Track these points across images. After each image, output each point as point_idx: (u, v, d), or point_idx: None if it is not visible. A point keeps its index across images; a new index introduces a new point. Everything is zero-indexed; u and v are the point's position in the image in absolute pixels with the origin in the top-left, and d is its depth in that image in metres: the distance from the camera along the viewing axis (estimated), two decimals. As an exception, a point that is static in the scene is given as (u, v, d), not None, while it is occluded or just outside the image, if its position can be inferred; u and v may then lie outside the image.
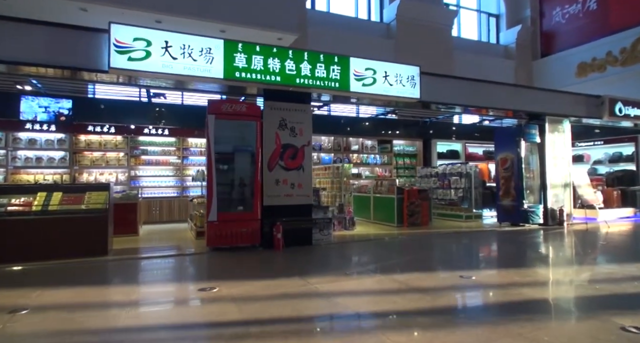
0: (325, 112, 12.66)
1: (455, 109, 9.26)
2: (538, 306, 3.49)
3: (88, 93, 10.15)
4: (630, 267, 5.09)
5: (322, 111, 12.31)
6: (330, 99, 7.86)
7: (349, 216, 8.77)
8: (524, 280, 4.35)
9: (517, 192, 9.13)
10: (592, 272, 4.88)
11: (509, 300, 3.60)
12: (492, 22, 18.68)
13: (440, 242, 7.39)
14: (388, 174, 13.67)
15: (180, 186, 10.81)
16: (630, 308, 3.40)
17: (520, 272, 4.76)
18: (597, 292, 3.90)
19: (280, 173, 6.62)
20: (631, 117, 10.54)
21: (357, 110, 13.23)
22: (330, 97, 7.61)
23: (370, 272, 4.77)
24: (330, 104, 10.51)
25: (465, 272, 4.73)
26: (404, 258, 5.93)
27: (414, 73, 7.47)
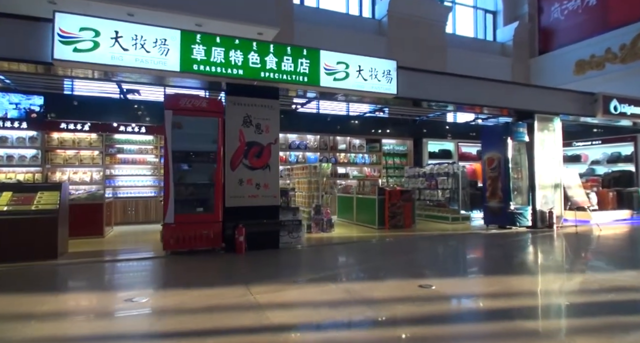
0: (312, 110, 12.29)
1: (448, 106, 8.87)
2: (488, 322, 3.09)
3: (64, 90, 9.88)
4: (609, 275, 4.66)
5: (307, 109, 11.95)
6: (316, 96, 7.48)
7: (326, 218, 8.38)
8: (488, 290, 3.95)
9: (504, 193, 8.69)
10: (564, 281, 4.45)
11: (457, 314, 3.19)
12: (489, 18, 18.21)
13: (416, 246, 6.98)
14: (377, 174, 13.26)
15: (157, 186, 10.46)
16: (599, 326, 2.99)
17: (487, 281, 4.36)
18: (567, 306, 3.49)
19: (245, 172, 6.25)
20: (627, 115, 10.06)
21: (347, 108, 12.84)
22: (316, 94, 7.25)
23: (323, 280, 4.38)
24: (312, 101, 10.13)
25: (428, 280, 4.33)
26: (369, 264, 5.54)
27: (390, 67, 7.07)
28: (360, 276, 4.67)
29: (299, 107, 11.10)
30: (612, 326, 2.95)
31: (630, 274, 4.64)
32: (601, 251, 6.42)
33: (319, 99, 8.40)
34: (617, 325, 2.98)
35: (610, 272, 4.93)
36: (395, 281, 4.43)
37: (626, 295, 3.73)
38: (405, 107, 10.37)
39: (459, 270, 5.11)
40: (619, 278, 4.39)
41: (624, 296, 3.70)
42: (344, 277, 4.60)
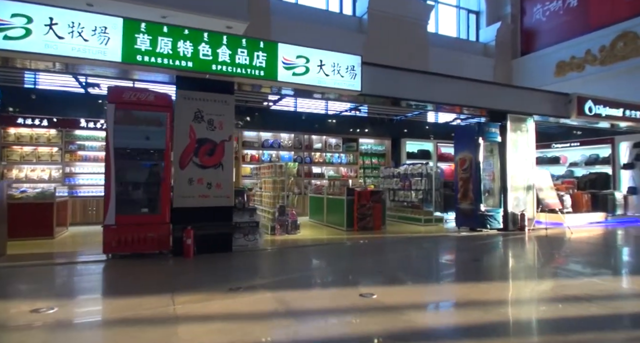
0: (287, 108, 11.95)
1: (427, 106, 8.61)
2: (417, 338, 2.80)
3: (24, 83, 9.40)
4: (565, 281, 4.42)
5: (281, 106, 11.61)
6: (279, 91, 7.14)
7: (291, 219, 8.06)
8: (433, 299, 3.67)
9: (475, 195, 8.46)
10: (520, 290, 4.19)
11: (386, 330, 2.90)
12: (472, 18, 18.06)
13: (377, 250, 6.69)
14: (353, 174, 12.99)
15: (121, 184, 10.02)
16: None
17: (436, 289, 4.08)
18: (518, 319, 3.22)
19: (195, 171, 5.89)
20: (602, 116, 9.91)
21: (325, 107, 12.51)
22: (291, 91, 6.91)
23: (261, 288, 4.06)
24: (284, 98, 9.79)
25: (372, 288, 4.03)
26: (318, 269, 5.26)
27: (354, 63, 6.78)
28: (302, 283, 4.36)
29: (272, 105, 10.76)
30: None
31: (595, 281, 4.40)
32: (567, 255, 6.20)
33: (290, 95, 8.07)
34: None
35: (568, 279, 4.69)
36: (337, 289, 4.12)
37: (592, 305, 3.47)
38: (382, 106, 10.14)
39: (410, 277, 4.82)
40: (582, 286, 4.16)
41: (587, 307, 3.44)
42: (285, 284, 4.29)
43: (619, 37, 13.18)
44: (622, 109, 10.28)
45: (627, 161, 12.45)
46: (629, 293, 3.90)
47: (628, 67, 12.90)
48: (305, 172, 12.27)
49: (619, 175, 12.65)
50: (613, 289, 4.04)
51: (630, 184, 12.37)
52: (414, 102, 7.75)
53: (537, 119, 9.75)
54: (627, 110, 10.41)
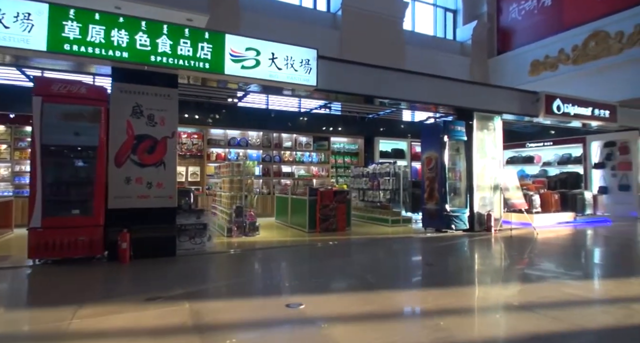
0: (255, 105, 11.58)
1: (401, 104, 8.34)
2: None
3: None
4: (519, 287, 4.20)
5: (249, 103, 11.24)
6: (254, 89, 6.78)
7: (249, 220, 7.71)
8: (363, 309, 3.37)
9: (441, 195, 8.23)
10: (461, 298, 3.92)
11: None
12: (450, 17, 17.93)
13: (332, 254, 6.41)
14: (325, 174, 12.69)
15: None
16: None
17: (370, 298, 3.78)
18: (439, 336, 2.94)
19: (133, 169, 5.50)
20: (571, 115, 9.81)
21: (299, 104, 12.16)
22: (259, 87, 6.54)
23: (181, 298, 3.70)
24: (248, 95, 9.42)
25: (304, 297, 3.73)
26: (259, 275, 4.93)
27: (309, 56, 6.46)
28: (230, 292, 4.03)
29: (237, 101, 10.38)
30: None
31: (549, 286, 4.18)
32: (527, 258, 5.99)
33: (254, 92, 7.69)
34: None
35: (526, 283, 4.46)
36: (265, 298, 3.79)
37: (540, 316, 3.22)
38: (353, 103, 9.86)
39: (350, 283, 4.52)
40: (532, 291, 3.92)
41: (535, 318, 3.19)
42: (211, 292, 3.95)
43: (591, 37, 13.16)
44: (590, 107, 10.20)
45: (598, 161, 12.45)
46: (581, 301, 3.67)
47: (599, 67, 12.88)
48: (275, 171, 11.93)
49: (590, 174, 12.66)
50: (569, 295, 3.81)
51: (601, 184, 12.37)
52: (373, 99, 7.46)
53: (506, 117, 9.61)
54: (596, 109, 10.34)
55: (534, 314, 3.23)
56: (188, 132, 10.96)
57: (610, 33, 12.63)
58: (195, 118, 11.06)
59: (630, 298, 3.72)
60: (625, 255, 6.31)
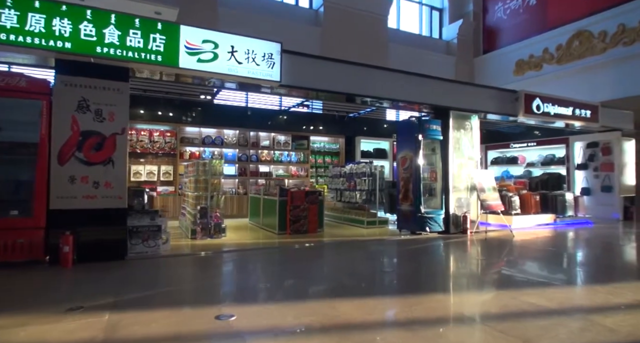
0: (232, 102, 11.24)
1: (383, 103, 8.05)
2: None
3: None
4: (463, 297, 3.93)
5: (225, 101, 10.90)
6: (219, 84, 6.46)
7: (215, 221, 7.40)
8: (298, 321, 3.08)
9: (415, 196, 7.98)
10: (404, 308, 3.64)
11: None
12: (436, 16, 17.73)
13: (294, 258, 6.12)
14: (304, 174, 12.40)
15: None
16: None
17: (310, 307, 3.50)
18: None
19: (78, 168, 5.16)
20: (551, 115, 9.61)
21: (280, 102, 11.84)
22: (220, 82, 6.23)
23: (104, 307, 3.39)
24: (220, 91, 9.10)
25: (240, 307, 3.43)
26: (204, 281, 4.62)
27: (272, 50, 6.16)
28: (162, 300, 3.71)
29: (210, 98, 10.04)
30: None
31: (512, 296, 3.92)
32: (496, 263, 5.75)
33: (229, 88, 7.41)
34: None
35: (488, 291, 4.20)
36: (196, 308, 3.48)
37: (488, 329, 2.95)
38: (330, 101, 9.58)
39: (298, 290, 4.23)
40: (491, 301, 3.65)
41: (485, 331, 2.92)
42: (140, 301, 3.64)
43: (575, 36, 13.01)
44: (571, 107, 10.02)
45: (581, 162, 12.29)
46: (539, 311, 3.41)
47: (583, 66, 12.73)
48: (252, 170, 11.62)
49: (573, 175, 12.49)
50: (528, 305, 3.55)
51: (583, 185, 12.21)
52: (343, 95, 7.18)
53: (491, 117, 9.38)
54: (577, 109, 10.16)
55: (482, 327, 2.96)
56: (161, 130, 10.62)
57: (594, 33, 12.48)
58: (169, 115, 10.72)
59: (591, 308, 3.48)
60: (599, 260, 6.09)
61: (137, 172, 10.29)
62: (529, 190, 10.82)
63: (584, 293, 3.95)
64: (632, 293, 3.86)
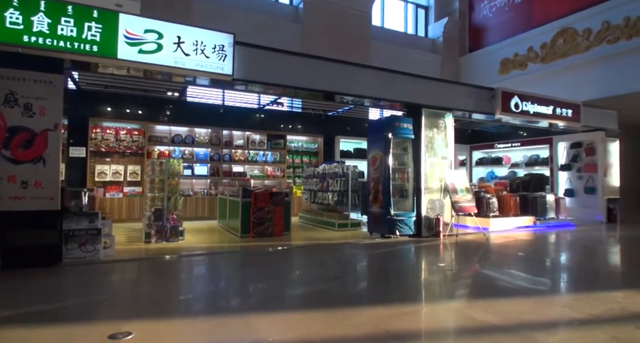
0: (204, 100, 10.83)
1: (349, 99, 7.69)
2: None
3: None
4: (403, 312, 3.57)
5: (197, 98, 10.48)
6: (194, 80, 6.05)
7: (171, 224, 7.00)
8: (202, 340, 2.70)
9: (385, 198, 7.62)
10: (332, 323, 3.28)
11: None
12: (421, 14, 17.41)
13: (244, 263, 5.75)
14: (280, 174, 12.02)
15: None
16: None
17: (223, 323, 3.12)
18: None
19: (4, 167, 4.76)
20: (530, 113, 9.28)
21: (258, 100, 11.44)
22: (167, 76, 5.85)
23: (3, 322, 3.00)
24: (187, 87, 8.71)
25: (146, 322, 3.06)
26: (122, 291, 4.23)
27: (224, 42, 5.78)
28: (63, 314, 3.33)
29: (177, 95, 9.64)
30: None
31: (459, 310, 3.56)
32: (458, 270, 5.39)
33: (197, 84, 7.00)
34: None
35: (435, 304, 3.83)
36: (95, 324, 3.10)
37: None
38: (295, 97, 9.19)
39: (224, 302, 3.85)
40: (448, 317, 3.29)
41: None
42: (39, 316, 3.25)
43: (559, 34, 12.71)
44: (552, 106, 9.70)
45: (564, 162, 11.98)
46: (480, 329, 3.05)
47: (567, 65, 12.44)
48: (225, 170, 11.23)
49: (557, 176, 12.18)
50: (471, 321, 3.20)
51: (567, 186, 11.90)
52: (305, 91, 6.81)
53: (477, 117, 9.05)
54: (558, 108, 9.84)
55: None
56: (128, 128, 10.20)
57: (578, 30, 12.18)
58: (138, 113, 10.32)
59: (540, 324, 3.12)
60: (569, 267, 5.75)
61: (102, 172, 9.88)
62: (509, 191, 10.49)
63: (538, 306, 3.59)
64: (590, 306, 3.51)
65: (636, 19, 10.71)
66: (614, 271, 5.41)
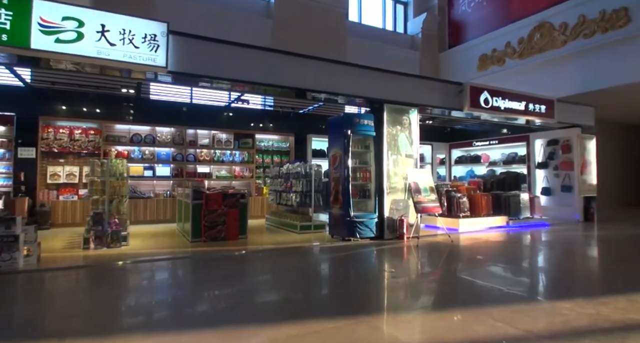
0: (165, 98, 10.35)
1: (322, 96, 7.25)
2: None
3: None
4: (316, 331, 3.15)
5: (160, 95, 9.98)
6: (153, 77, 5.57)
7: (113, 228, 6.53)
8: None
9: (345, 198, 7.21)
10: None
11: None
12: (400, 9, 17.05)
13: (181, 273, 5.30)
14: (249, 174, 11.57)
15: None
16: None
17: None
18: None
19: None
20: (501, 109, 8.93)
21: (229, 97, 10.96)
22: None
23: None
24: (142, 85, 8.23)
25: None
26: (20, 308, 3.77)
27: (156, 31, 5.33)
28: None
29: (133, 92, 9.15)
30: None
31: (375, 326, 3.15)
32: (405, 278, 4.99)
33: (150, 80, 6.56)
34: None
35: (352, 319, 3.42)
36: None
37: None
38: (241, 91, 8.68)
39: (127, 320, 3.42)
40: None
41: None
42: None
43: (536, 28, 12.39)
44: (524, 102, 9.36)
45: (541, 160, 11.66)
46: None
47: (545, 60, 12.12)
48: (190, 171, 10.76)
49: (534, 174, 11.87)
50: (380, 339, 2.78)
51: (544, 185, 11.59)
52: (252, 85, 6.37)
53: (461, 115, 8.69)
54: (531, 104, 9.51)
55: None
56: (83, 128, 9.70)
57: (555, 24, 11.88)
58: (96, 112, 9.82)
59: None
60: (527, 272, 5.37)
61: (55, 174, 9.36)
62: (484, 190, 10.16)
63: (473, 319, 3.18)
64: (531, 320, 3.12)
65: (611, 13, 10.41)
66: (570, 277, 5.03)
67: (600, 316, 3.19)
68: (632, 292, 3.91)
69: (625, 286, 4.28)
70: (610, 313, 3.26)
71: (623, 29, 10.16)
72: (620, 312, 3.28)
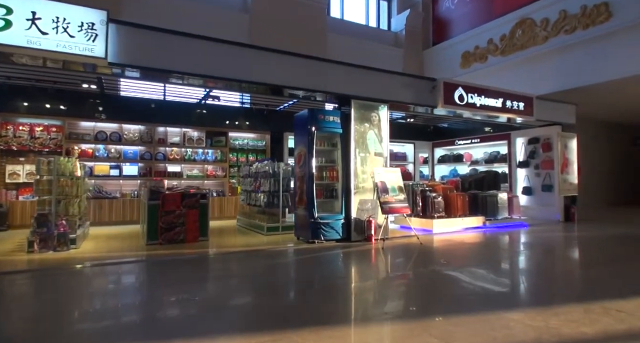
0: (134, 94, 9.94)
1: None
2: None
3: None
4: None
5: (128, 92, 9.57)
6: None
7: (60, 231, 6.15)
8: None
9: (308, 199, 6.88)
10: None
11: None
12: (384, 6, 16.73)
13: (129, 279, 4.95)
14: (222, 174, 11.21)
15: None
16: None
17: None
18: None
19: None
20: (477, 106, 8.64)
21: (205, 93, 10.56)
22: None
23: None
24: (102, 79, 7.84)
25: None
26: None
27: (94, 19, 4.96)
28: None
29: (95, 87, 8.74)
30: None
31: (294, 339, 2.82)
32: (359, 285, 4.68)
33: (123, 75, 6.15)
34: None
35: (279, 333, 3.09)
36: None
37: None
38: (192, 86, 8.33)
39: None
40: None
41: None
42: None
43: (518, 25, 12.14)
44: (502, 99, 9.08)
45: (522, 159, 11.41)
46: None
47: (526, 57, 11.89)
48: (159, 170, 10.38)
49: (515, 174, 11.62)
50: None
51: (525, 184, 11.34)
52: (203, 79, 6.02)
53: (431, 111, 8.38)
54: (509, 101, 9.24)
55: None
56: (45, 125, 9.29)
57: (536, 20, 11.63)
58: (59, 109, 9.42)
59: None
60: (489, 278, 5.07)
61: (14, 173, 8.95)
62: (462, 190, 9.87)
63: (408, 334, 2.87)
64: (471, 334, 2.81)
65: (592, 8, 10.17)
66: (533, 283, 4.74)
67: (548, 329, 2.89)
68: (591, 300, 3.62)
69: (588, 293, 3.99)
70: (561, 326, 2.97)
71: (604, 25, 9.92)
72: (572, 325, 2.98)
